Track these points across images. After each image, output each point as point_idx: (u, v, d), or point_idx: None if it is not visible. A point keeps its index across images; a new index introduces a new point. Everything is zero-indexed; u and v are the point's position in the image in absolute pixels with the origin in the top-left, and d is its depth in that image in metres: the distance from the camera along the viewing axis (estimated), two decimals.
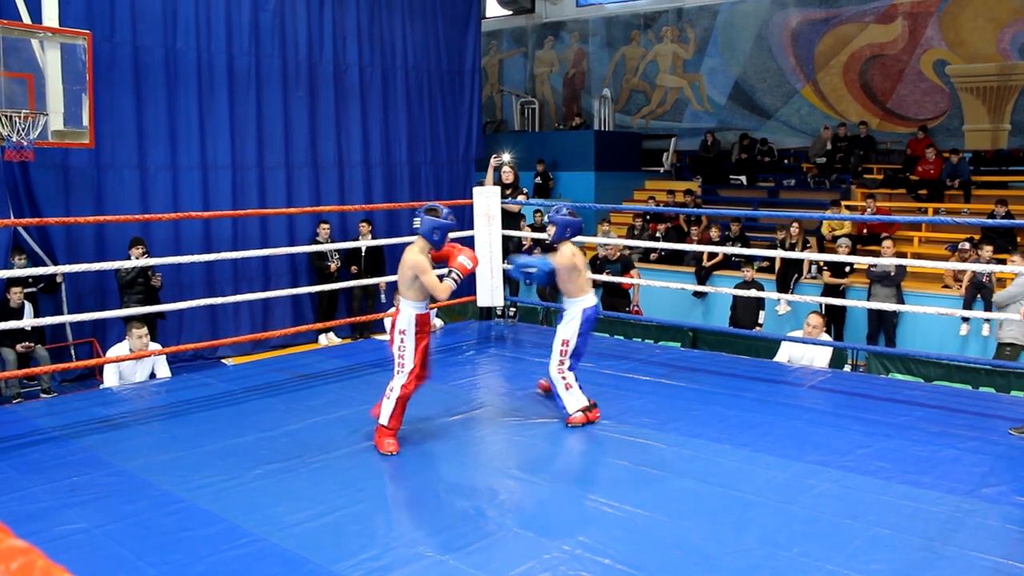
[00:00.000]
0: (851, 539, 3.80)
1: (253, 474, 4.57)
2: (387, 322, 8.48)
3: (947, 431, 5.45)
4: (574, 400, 5.44)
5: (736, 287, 11.07)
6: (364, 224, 12.38)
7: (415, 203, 11.44)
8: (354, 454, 4.90)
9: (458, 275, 4.82)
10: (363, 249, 12.21)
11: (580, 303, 5.49)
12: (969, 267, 10.23)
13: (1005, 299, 9.75)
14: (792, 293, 12.19)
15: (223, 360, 10.81)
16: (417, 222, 4.98)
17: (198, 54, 11.38)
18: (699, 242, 13.80)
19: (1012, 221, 12.10)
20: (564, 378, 5.46)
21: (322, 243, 11.70)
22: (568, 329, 5.48)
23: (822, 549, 3.69)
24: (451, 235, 5.05)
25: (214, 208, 11.33)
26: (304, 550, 3.69)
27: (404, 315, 4.91)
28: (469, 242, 8.44)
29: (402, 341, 4.91)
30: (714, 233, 13.52)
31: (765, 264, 13.22)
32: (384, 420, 4.94)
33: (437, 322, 8.54)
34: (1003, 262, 11.74)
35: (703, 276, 13.22)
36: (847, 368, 8.44)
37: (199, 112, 11.45)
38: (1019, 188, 14.61)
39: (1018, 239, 12.68)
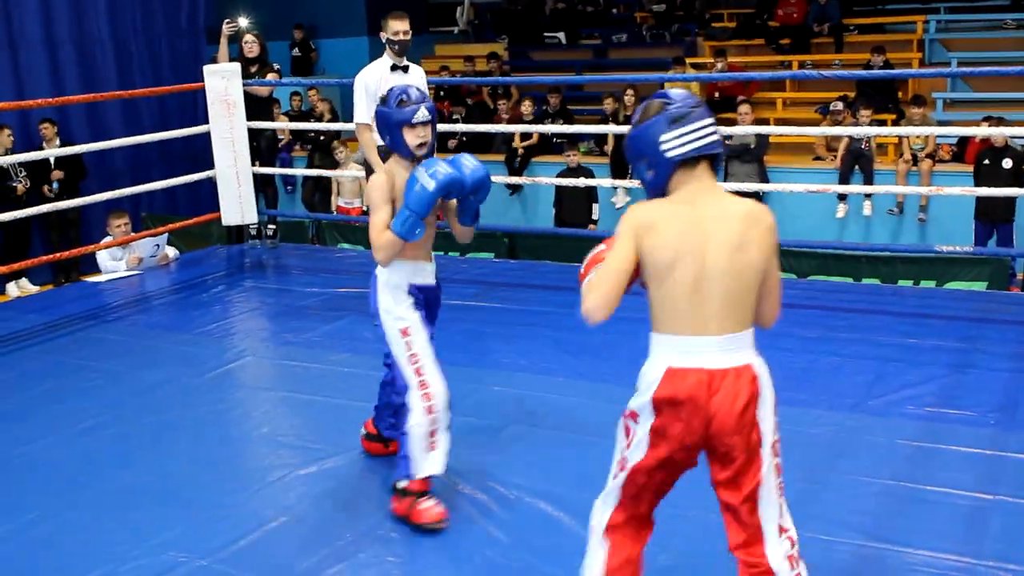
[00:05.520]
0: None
1: None
2: (103, 256, 8.17)
3: (826, 335, 5.82)
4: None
5: (559, 175, 11.27)
6: (47, 125, 11.68)
7: (124, 92, 11.04)
8: (66, 443, 4.76)
9: None
10: (52, 161, 11.61)
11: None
12: (845, 132, 10.83)
13: None
14: (631, 179, 12.51)
15: None
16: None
17: None
18: (509, 121, 13.86)
19: (891, 71, 12.74)
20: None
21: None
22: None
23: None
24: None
25: None
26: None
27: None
28: (204, 140, 8.25)
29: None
30: (528, 108, 13.64)
31: (594, 145, 13.48)
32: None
33: (170, 251, 8.33)
34: (884, 123, 12.45)
35: (518, 165, 13.36)
36: None
37: None
38: (898, 31, 15.28)
39: (899, 94, 13.36)
